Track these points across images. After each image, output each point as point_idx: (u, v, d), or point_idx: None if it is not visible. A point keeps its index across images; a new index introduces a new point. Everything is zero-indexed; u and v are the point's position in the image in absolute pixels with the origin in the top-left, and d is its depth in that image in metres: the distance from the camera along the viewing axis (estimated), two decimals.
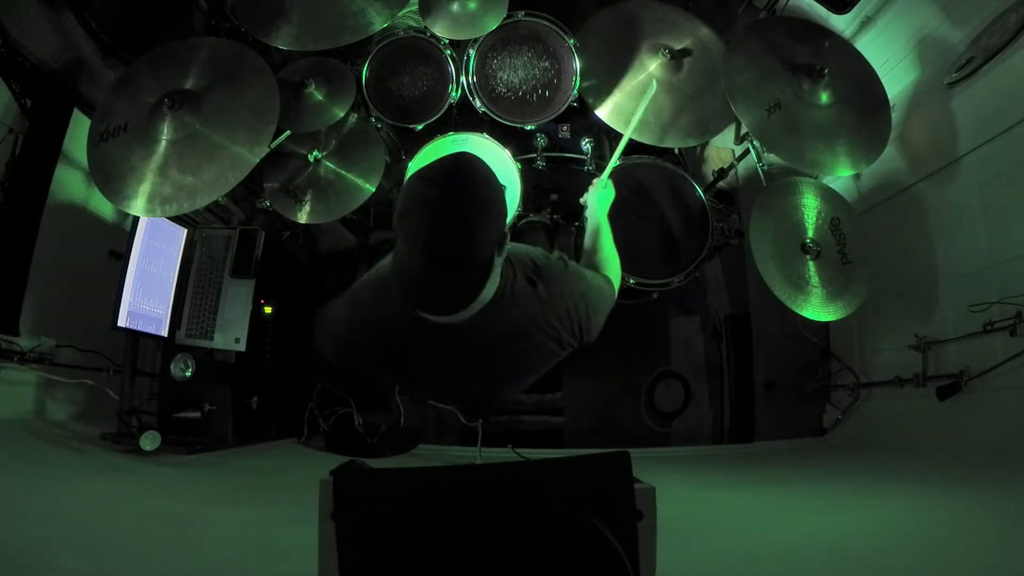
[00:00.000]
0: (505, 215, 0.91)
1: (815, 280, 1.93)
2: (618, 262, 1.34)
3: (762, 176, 2.15)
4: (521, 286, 1.01)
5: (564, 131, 2.27)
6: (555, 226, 2.22)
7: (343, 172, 2.03)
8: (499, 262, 0.92)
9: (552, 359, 1.09)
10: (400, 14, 1.93)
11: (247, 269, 2.03)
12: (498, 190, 0.89)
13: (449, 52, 2.06)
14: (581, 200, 1.59)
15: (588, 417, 2.61)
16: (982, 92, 1.97)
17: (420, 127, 2.09)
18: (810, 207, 2.01)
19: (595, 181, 1.58)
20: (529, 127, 2.07)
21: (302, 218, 1.99)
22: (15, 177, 1.74)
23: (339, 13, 1.82)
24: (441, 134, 2.01)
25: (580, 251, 2.05)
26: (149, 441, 1.67)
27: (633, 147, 2.03)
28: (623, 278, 1.92)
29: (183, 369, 1.89)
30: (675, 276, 2.00)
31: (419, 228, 0.83)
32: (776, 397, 2.68)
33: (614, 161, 1.63)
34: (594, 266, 1.30)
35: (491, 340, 1.00)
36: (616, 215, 1.51)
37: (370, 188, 1.99)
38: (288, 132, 1.85)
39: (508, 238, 0.93)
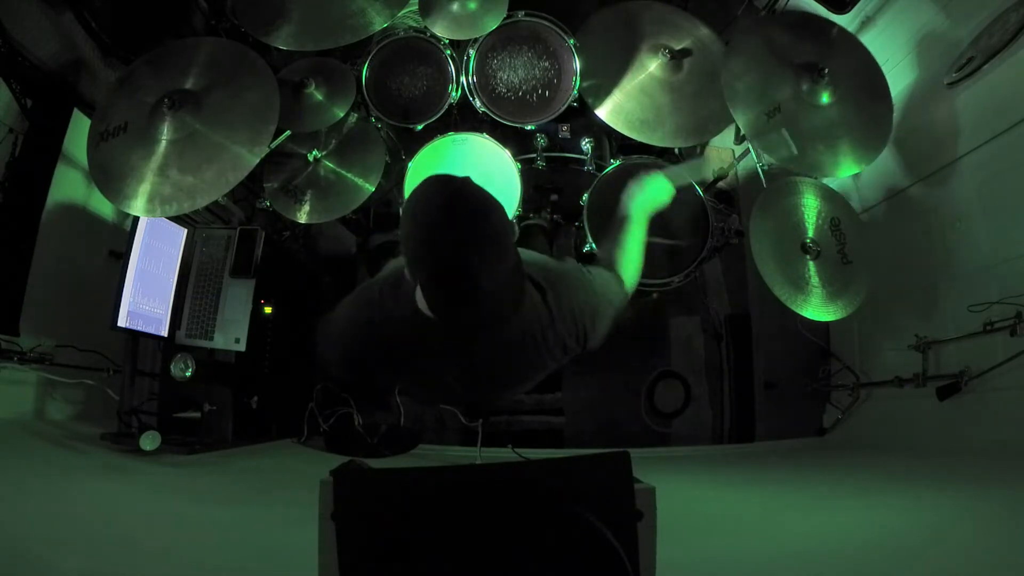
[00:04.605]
0: (511, 241, 0.91)
1: (815, 280, 1.93)
2: (638, 265, 1.28)
3: (762, 176, 2.15)
4: (529, 292, 1.01)
5: (564, 131, 2.26)
6: (555, 227, 2.22)
7: (343, 172, 2.03)
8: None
9: (554, 364, 1.09)
10: (400, 14, 1.93)
11: (247, 269, 2.02)
12: (501, 212, 0.88)
13: (449, 52, 2.06)
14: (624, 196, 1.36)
15: (588, 417, 2.60)
16: (982, 92, 1.97)
17: (420, 127, 2.09)
18: (810, 207, 2.01)
19: (649, 175, 1.35)
20: (529, 127, 2.07)
21: (302, 218, 1.99)
22: (15, 177, 1.74)
23: (339, 13, 1.82)
24: (441, 134, 2.01)
25: (579, 251, 2.05)
26: (149, 441, 1.67)
27: (633, 147, 2.03)
28: None
29: (183, 369, 1.89)
30: (675, 276, 2.00)
31: (438, 264, 0.84)
32: (776, 397, 2.67)
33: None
34: (612, 261, 1.25)
35: (499, 344, 1.00)
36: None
37: (370, 188, 1.99)
38: (288, 132, 1.85)
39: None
